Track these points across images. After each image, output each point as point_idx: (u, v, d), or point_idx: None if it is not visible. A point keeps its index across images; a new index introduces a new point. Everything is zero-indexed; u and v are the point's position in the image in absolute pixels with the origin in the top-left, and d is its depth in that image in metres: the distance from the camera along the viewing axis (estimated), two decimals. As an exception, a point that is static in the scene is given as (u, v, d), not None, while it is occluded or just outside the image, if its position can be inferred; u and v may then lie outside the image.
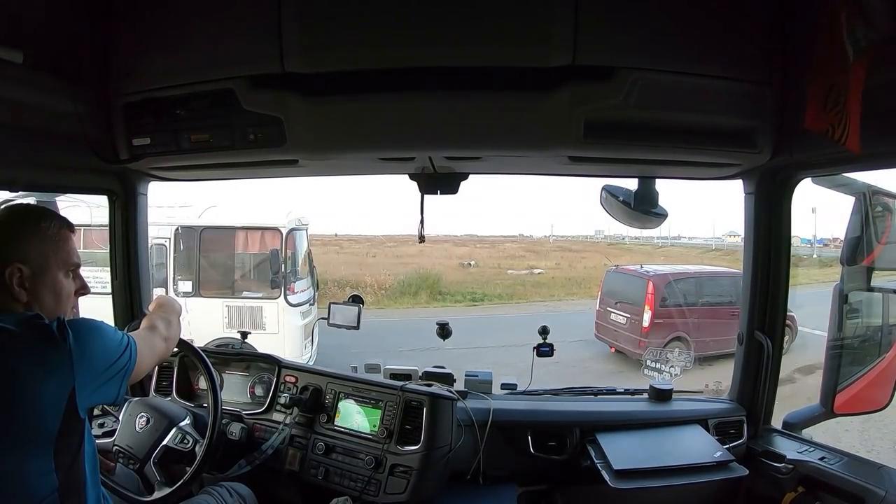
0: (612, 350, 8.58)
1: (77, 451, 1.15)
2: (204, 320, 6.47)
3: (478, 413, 1.87)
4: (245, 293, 6.87)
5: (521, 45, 1.33)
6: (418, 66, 1.37)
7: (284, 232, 6.82)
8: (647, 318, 7.74)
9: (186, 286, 6.78)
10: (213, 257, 7.00)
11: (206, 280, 6.86)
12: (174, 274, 6.84)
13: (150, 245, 6.84)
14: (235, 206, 7.14)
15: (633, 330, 8.06)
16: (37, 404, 1.06)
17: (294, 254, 6.95)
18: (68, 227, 1.24)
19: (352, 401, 1.88)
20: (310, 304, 7.14)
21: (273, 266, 6.68)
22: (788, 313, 1.89)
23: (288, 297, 6.72)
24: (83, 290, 1.29)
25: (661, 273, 8.41)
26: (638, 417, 1.99)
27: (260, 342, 6.25)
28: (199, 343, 1.80)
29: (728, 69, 1.44)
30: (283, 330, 6.65)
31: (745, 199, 1.88)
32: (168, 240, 6.82)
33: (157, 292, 6.68)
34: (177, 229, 6.85)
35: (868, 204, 1.80)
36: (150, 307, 1.60)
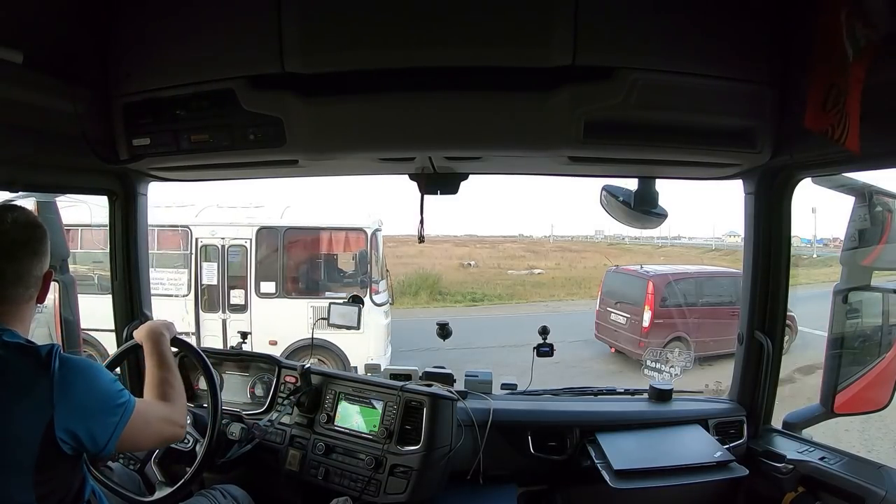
0: (613, 350, 8.57)
1: (65, 489, 1.13)
2: (288, 321, 6.49)
3: (478, 413, 1.87)
4: (328, 293, 6.86)
5: (520, 46, 1.33)
6: (418, 66, 1.37)
7: (369, 232, 6.85)
8: (647, 318, 7.75)
9: (269, 287, 6.80)
10: (296, 258, 7.02)
11: (289, 281, 6.88)
12: (255, 275, 6.84)
13: (227, 246, 6.64)
14: (312, 205, 7.22)
15: (633, 330, 8.07)
16: (12, 431, 1.04)
17: (376, 254, 7.01)
18: None
19: (352, 401, 1.88)
20: (388, 304, 7.19)
21: (361, 266, 6.82)
22: (788, 313, 1.88)
23: (373, 296, 6.75)
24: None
25: (661, 273, 8.44)
26: (638, 417, 1.99)
27: (346, 342, 6.23)
28: (284, 345, 1.79)
29: (728, 69, 1.43)
30: (369, 329, 6.65)
31: (745, 200, 1.88)
32: (249, 240, 6.83)
33: (236, 294, 6.67)
34: (258, 230, 6.85)
35: (868, 204, 1.80)
36: (141, 335, 1.55)
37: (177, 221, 6.98)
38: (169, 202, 7.21)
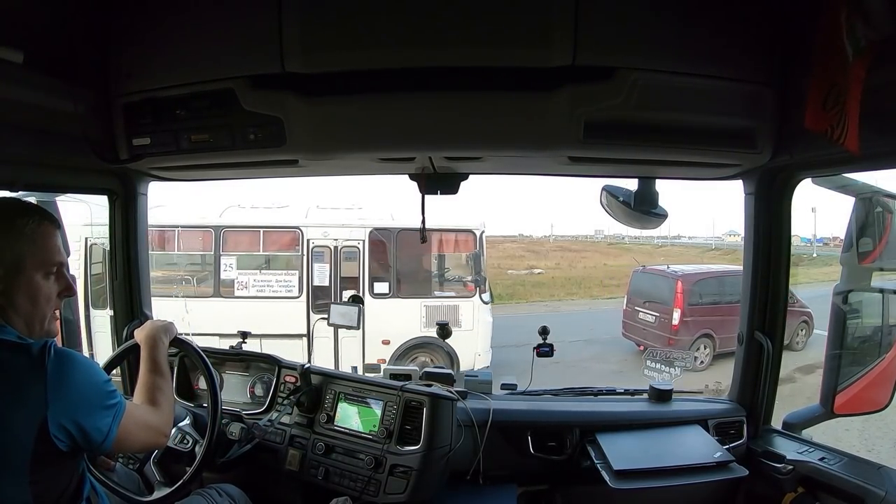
0: (641, 348, 8.74)
1: (62, 487, 1.12)
2: (401, 321, 6.75)
3: (478, 413, 1.87)
4: (437, 293, 7.14)
5: (521, 46, 1.33)
6: (418, 66, 1.37)
7: (478, 234, 7.17)
8: (676, 316, 7.99)
9: (382, 287, 6.95)
10: (408, 258, 7.21)
11: (402, 281, 7.05)
12: (369, 276, 6.96)
13: (340, 247, 6.29)
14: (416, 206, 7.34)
15: (662, 328, 8.26)
16: (7, 432, 1.03)
17: (482, 255, 7.34)
18: (50, 221, 1.17)
19: (352, 401, 1.88)
20: (490, 304, 7.44)
21: (476, 266, 7.10)
22: (805, 310, 1.88)
23: (481, 296, 7.06)
24: (67, 291, 1.20)
25: (689, 273, 8.68)
26: (638, 418, 1.99)
27: (457, 339, 6.22)
28: (396, 344, 1.78)
29: (728, 69, 1.43)
30: (478, 327, 6.97)
31: (745, 200, 1.88)
32: (362, 241, 6.96)
33: (349, 294, 6.67)
34: (371, 231, 7.00)
35: (868, 205, 1.80)
36: (140, 337, 1.52)
37: (287, 223, 7.09)
38: (268, 203, 7.37)
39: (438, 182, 1.85)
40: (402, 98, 1.43)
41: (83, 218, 6.58)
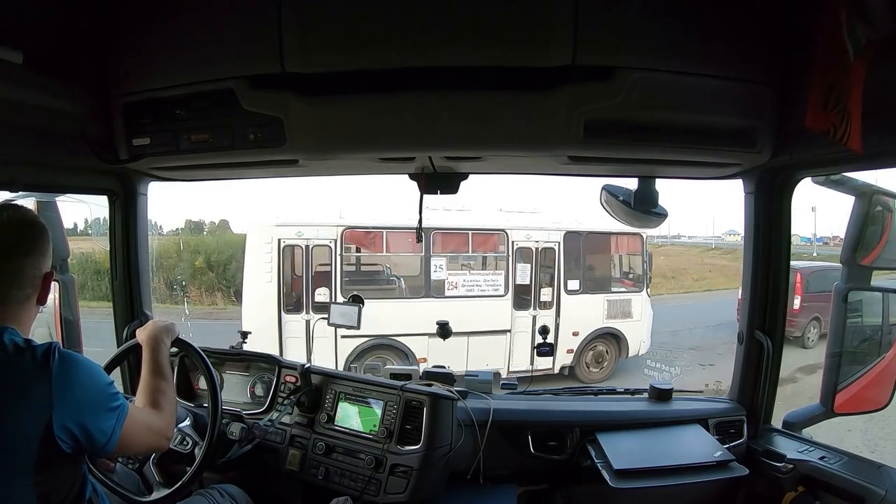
0: None
1: (66, 488, 1.14)
2: (588, 314, 7.61)
3: (478, 413, 1.87)
4: (613, 289, 7.98)
5: (520, 46, 1.32)
6: (418, 66, 1.37)
7: (644, 236, 8.00)
8: (797, 302, 8.93)
9: (574, 285, 7.62)
10: (592, 257, 7.95)
11: (590, 278, 7.79)
12: (564, 274, 7.56)
13: (540, 248, 7.48)
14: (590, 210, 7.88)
15: None
16: (12, 433, 1.05)
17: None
18: None
19: (352, 401, 1.88)
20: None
21: (647, 265, 8.07)
22: None
23: (647, 290, 8.01)
24: None
25: (803, 266, 9.48)
26: (638, 417, 1.99)
27: (629, 328, 7.97)
28: (584, 334, 1.75)
29: (728, 69, 1.43)
30: (644, 317, 7.93)
31: (745, 199, 1.88)
32: (558, 243, 7.62)
33: (545, 292, 7.41)
34: (566, 233, 7.65)
35: (868, 204, 1.80)
36: (142, 337, 1.53)
37: (493, 225, 7.58)
38: (465, 205, 7.73)
39: (438, 182, 1.85)
40: (402, 98, 1.43)
41: (276, 217, 6.96)
